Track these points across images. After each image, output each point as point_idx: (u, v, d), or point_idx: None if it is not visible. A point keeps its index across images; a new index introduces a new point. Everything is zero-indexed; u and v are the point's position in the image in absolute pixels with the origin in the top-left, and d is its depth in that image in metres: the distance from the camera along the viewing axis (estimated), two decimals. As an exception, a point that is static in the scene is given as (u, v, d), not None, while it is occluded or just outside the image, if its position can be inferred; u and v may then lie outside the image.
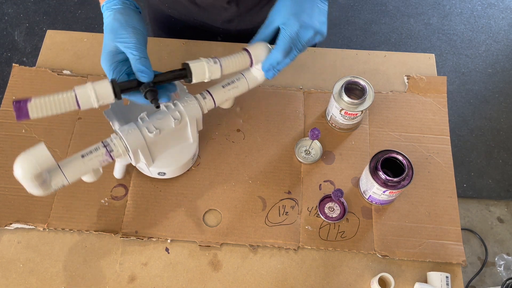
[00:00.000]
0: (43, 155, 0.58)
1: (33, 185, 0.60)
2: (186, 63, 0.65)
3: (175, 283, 0.73)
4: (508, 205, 1.73)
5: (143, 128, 0.67)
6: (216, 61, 0.66)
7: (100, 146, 0.65)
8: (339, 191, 0.73)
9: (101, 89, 0.59)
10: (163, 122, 0.69)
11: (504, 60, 2.05)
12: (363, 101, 0.78)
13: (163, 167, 0.75)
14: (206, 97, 0.72)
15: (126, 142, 0.66)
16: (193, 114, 0.71)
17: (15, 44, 2.04)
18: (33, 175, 0.58)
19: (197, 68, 0.65)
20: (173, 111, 0.69)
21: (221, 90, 0.72)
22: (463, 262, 0.75)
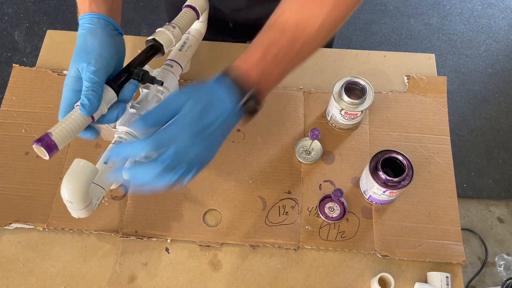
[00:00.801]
0: (88, 167, 0.58)
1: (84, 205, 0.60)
2: (152, 38, 0.67)
3: (175, 283, 0.73)
4: (508, 205, 1.73)
5: (140, 112, 0.68)
6: (174, 26, 0.69)
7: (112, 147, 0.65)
8: (339, 191, 0.73)
9: (106, 95, 0.60)
10: (153, 102, 0.70)
11: (504, 60, 2.05)
12: (363, 101, 0.78)
13: None
14: (172, 65, 0.76)
15: (134, 132, 0.66)
16: (171, 84, 0.73)
17: (15, 44, 2.04)
18: (83, 194, 0.58)
19: (164, 39, 0.67)
20: (155, 89, 0.71)
21: (180, 54, 0.77)
22: (463, 262, 0.75)
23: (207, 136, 0.53)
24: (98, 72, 0.58)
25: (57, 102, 0.86)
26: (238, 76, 0.55)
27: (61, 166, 0.81)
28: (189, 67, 0.81)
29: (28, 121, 0.85)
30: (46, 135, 0.54)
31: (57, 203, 0.78)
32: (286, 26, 0.57)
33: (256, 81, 0.56)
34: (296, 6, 0.58)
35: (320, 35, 0.59)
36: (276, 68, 0.57)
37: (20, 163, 0.81)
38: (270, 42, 0.57)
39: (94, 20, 0.62)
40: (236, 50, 0.94)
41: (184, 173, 0.53)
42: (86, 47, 0.59)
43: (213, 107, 0.53)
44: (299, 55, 0.59)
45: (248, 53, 0.57)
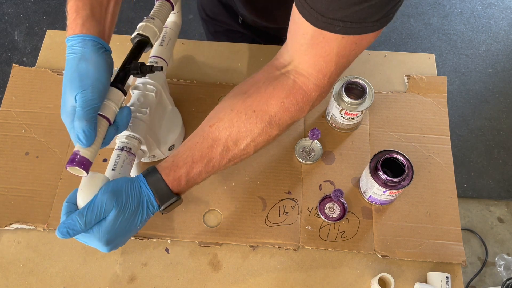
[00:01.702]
0: (101, 179, 0.58)
1: None
2: (136, 33, 0.67)
3: (175, 283, 0.73)
4: (508, 205, 1.73)
5: (136, 114, 0.69)
6: (153, 17, 0.69)
7: (119, 153, 0.66)
8: (339, 191, 0.73)
9: (115, 97, 0.60)
10: (146, 100, 0.71)
11: (504, 60, 2.05)
12: (363, 101, 0.78)
13: (168, 141, 0.78)
14: (157, 61, 0.77)
15: (135, 134, 0.67)
16: (160, 80, 0.74)
17: (15, 44, 2.04)
18: None
19: (148, 31, 0.67)
20: (146, 87, 0.72)
21: (162, 48, 0.78)
22: (463, 262, 0.75)
23: (129, 231, 0.58)
24: (95, 99, 0.56)
25: (57, 102, 0.87)
26: (167, 186, 0.58)
27: (61, 166, 0.81)
28: (172, 61, 0.82)
29: (28, 121, 0.85)
30: (75, 154, 0.55)
31: (57, 203, 0.78)
32: (219, 137, 0.60)
33: (183, 188, 0.60)
34: (230, 120, 0.60)
35: (249, 150, 0.61)
36: (202, 175, 0.61)
37: (20, 163, 0.81)
38: (202, 153, 0.60)
39: (87, 42, 0.58)
40: (236, 50, 0.94)
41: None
42: (81, 73, 0.57)
43: (137, 219, 0.58)
44: (227, 165, 0.62)
45: (179, 161, 0.60)
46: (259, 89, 0.60)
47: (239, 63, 0.92)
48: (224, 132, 0.60)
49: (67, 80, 0.58)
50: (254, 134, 0.60)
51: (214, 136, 0.60)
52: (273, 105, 0.59)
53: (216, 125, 0.60)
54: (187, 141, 0.62)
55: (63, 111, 0.58)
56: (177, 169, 0.59)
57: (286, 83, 0.59)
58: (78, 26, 0.59)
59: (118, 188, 0.57)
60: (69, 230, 0.54)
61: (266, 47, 0.94)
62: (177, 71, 0.91)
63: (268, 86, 0.60)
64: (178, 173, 0.59)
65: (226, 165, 0.62)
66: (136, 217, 0.57)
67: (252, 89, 0.61)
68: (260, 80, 0.61)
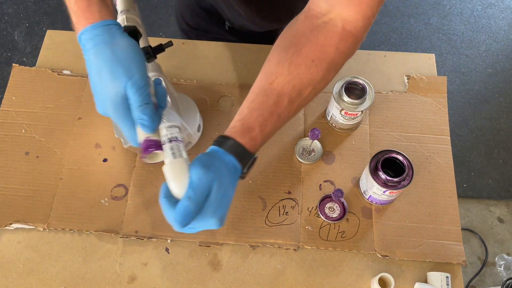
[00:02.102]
0: (182, 162, 0.57)
1: None
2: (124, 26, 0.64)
3: (175, 283, 0.73)
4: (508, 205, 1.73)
5: None
6: (127, 10, 0.71)
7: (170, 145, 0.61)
8: (339, 191, 0.73)
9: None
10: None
11: (504, 60, 2.05)
12: (363, 101, 0.78)
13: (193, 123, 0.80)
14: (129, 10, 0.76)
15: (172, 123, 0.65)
16: (158, 70, 0.76)
17: (15, 44, 2.04)
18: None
19: (134, 22, 0.68)
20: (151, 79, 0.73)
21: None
22: (463, 262, 0.75)
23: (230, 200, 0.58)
24: (146, 84, 0.56)
25: (57, 102, 0.87)
26: (244, 148, 0.59)
27: (61, 166, 0.81)
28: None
29: (28, 121, 0.85)
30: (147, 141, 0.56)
31: (57, 203, 0.78)
32: (283, 91, 0.61)
33: (258, 146, 0.61)
34: (290, 74, 0.61)
35: (312, 95, 0.64)
36: (274, 130, 0.62)
37: (20, 163, 0.81)
38: (270, 110, 0.61)
39: (112, 28, 0.56)
40: (236, 50, 0.94)
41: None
42: (122, 60, 0.55)
43: (232, 185, 0.58)
44: (294, 114, 0.64)
45: (250, 122, 0.60)
46: (309, 39, 0.62)
47: (239, 63, 0.92)
48: (287, 86, 0.61)
49: (107, 72, 0.54)
50: (315, 82, 0.62)
51: (277, 92, 0.61)
52: (329, 52, 0.61)
53: (277, 81, 0.61)
54: (250, 102, 0.61)
55: (108, 105, 0.55)
56: (251, 130, 0.60)
57: (336, 30, 0.61)
58: (96, 13, 0.56)
59: (206, 162, 0.55)
60: (184, 217, 0.53)
61: (267, 47, 0.94)
62: (177, 71, 0.91)
63: (319, 35, 0.61)
64: (252, 133, 0.59)
65: (293, 115, 0.64)
66: (231, 184, 0.57)
67: (302, 40, 0.62)
68: (305, 31, 0.62)
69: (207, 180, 0.54)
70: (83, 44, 0.57)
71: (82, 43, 0.57)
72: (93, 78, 0.56)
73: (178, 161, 0.56)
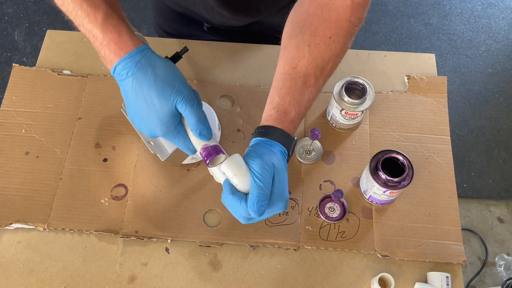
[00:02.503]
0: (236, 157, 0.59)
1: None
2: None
3: (175, 283, 0.73)
4: (508, 205, 1.73)
5: None
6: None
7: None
8: (339, 191, 0.73)
9: None
10: None
11: (504, 60, 2.05)
12: (364, 101, 0.78)
13: (214, 121, 0.80)
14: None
15: None
16: None
17: (15, 44, 2.04)
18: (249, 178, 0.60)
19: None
20: None
21: None
22: (463, 262, 0.75)
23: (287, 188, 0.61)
24: (193, 96, 0.59)
25: (57, 102, 0.87)
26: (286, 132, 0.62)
27: (61, 166, 0.81)
28: None
29: (28, 121, 0.85)
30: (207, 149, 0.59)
31: (57, 203, 0.78)
32: (308, 71, 0.64)
33: (296, 128, 0.65)
34: (311, 54, 0.64)
35: (334, 69, 0.67)
36: (307, 110, 0.66)
37: (20, 163, 0.81)
38: (301, 91, 0.64)
39: (147, 52, 0.59)
40: (236, 50, 0.94)
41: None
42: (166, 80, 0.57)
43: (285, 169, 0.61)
44: (321, 89, 0.67)
45: (285, 107, 0.63)
46: (322, 17, 0.64)
47: (239, 63, 0.92)
48: (311, 66, 0.64)
49: (155, 93, 0.57)
50: (335, 57, 0.65)
51: (303, 74, 0.64)
52: (343, 26, 0.64)
53: (300, 64, 0.64)
54: (279, 90, 0.64)
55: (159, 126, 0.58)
56: (288, 114, 0.63)
57: (346, 4, 0.64)
58: (129, 42, 0.58)
59: (259, 152, 0.59)
60: (260, 206, 0.55)
61: (267, 47, 0.94)
62: (177, 71, 0.91)
63: (330, 12, 0.64)
64: (290, 117, 0.63)
65: (320, 90, 0.67)
66: (285, 168, 0.61)
67: (315, 20, 0.65)
68: (315, 11, 0.65)
69: (268, 168, 0.57)
70: (120, 74, 0.58)
71: (119, 73, 0.58)
72: (137, 105, 0.58)
73: (234, 157, 0.58)
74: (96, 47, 0.59)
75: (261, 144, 0.61)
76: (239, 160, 0.58)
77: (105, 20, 0.58)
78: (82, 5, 0.58)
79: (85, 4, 0.58)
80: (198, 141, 0.60)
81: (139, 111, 0.59)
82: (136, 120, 0.61)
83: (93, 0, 0.58)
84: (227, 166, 0.58)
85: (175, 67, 0.61)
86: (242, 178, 0.57)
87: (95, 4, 0.58)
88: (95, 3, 0.58)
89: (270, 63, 0.92)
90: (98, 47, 0.59)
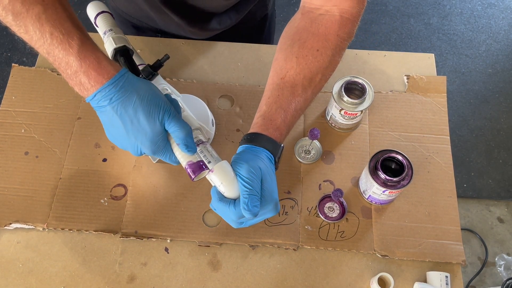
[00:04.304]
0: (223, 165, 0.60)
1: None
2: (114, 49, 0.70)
3: (174, 283, 0.73)
4: (508, 205, 1.73)
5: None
6: (110, 29, 0.74)
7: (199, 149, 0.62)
8: (338, 191, 0.73)
9: None
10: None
11: (504, 60, 2.05)
12: (363, 101, 0.78)
13: (206, 119, 0.82)
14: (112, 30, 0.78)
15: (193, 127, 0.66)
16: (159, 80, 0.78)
17: (15, 44, 2.04)
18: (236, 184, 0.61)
19: (122, 41, 0.72)
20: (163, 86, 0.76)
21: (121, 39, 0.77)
22: (463, 262, 0.75)
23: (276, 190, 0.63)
24: (177, 112, 0.60)
25: (56, 102, 0.87)
26: (272, 139, 0.63)
27: (60, 166, 0.81)
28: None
29: (27, 121, 0.85)
30: (191, 165, 0.59)
31: (56, 203, 0.78)
32: (296, 82, 0.65)
33: (284, 136, 0.65)
34: (299, 65, 0.65)
35: (323, 81, 0.68)
36: (295, 119, 0.67)
37: (20, 163, 0.82)
38: (288, 100, 0.65)
39: (127, 75, 0.58)
40: (236, 50, 0.94)
41: None
42: (150, 100, 0.58)
43: (273, 174, 0.62)
44: (310, 101, 0.69)
45: (271, 115, 0.64)
46: (311, 32, 0.66)
47: (239, 63, 0.92)
48: (299, 77, 0.65)
49: (142, 114, 0.57)
50: (323, 69, 0.66)
51: (290, 84, 0.65)
52: (331, 40, 0.66)
53: (288, 75, 0.66)
54: (267, 99, 0.66)
55: (147, 145, 0.58)
56: (273, 121, 0.64)
57: (335, 19, 0.66)
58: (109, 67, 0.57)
59: (246, 158, 0.60)
60: (253, 208, 0.56)
61: (266, 47, 0.94)
62: (177, 71, 0.91)
63: (319, 27, 0.66)
64: (276, 124, 0.64)
65: (309, 102, 0.68)
66: (272, 172, 0.61)
67: (304, 34, 0.67)
68: (305, 26, 0.67)
69: (255, 171, 0.58)
70: (101, 100, 0.57)
71: (100, 99, 0.57)
72: (123, 128, 0.58)
73: (221, 165, 0.59)
74: (68, 75, 0.57)
75: (247, 151, 0.62)
76: (226, 167, 0.58)
77: (80, 47, 0.55)
78: (53, 33, 0.54)
79: (56, 31, 0.54)
80: (184, 156, 0.60)
81: (126, 133, 0.58)
82: (122, 142, 0.60)
83: (64, 26, 0.55)
84: (214, 175, 0.58)
85: (153, 85, 0.61)
86: (229, 186, 0.58)
87: (68, 31, 0.55)
88: (67, 30, 0.55)
89: (270, 63, 0.91)
90: (71, 75, 0.56)
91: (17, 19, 0.54)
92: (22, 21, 0.54)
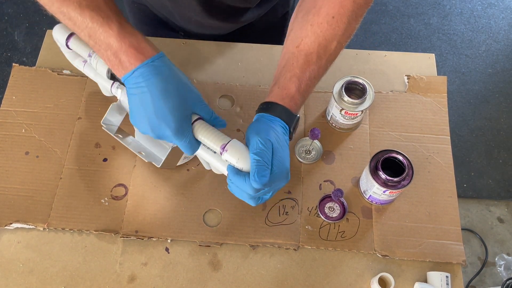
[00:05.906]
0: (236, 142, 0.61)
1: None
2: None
3: (175, 283, 0.73)
4: (508, 205, 1.73)
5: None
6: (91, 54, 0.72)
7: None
8: (339, 191, 0.73)
9: None
10: None
11: (504, 60, 2.05)
12: (363, 101, 0.78)
13: None
14: None
15: None
16: None
17: (15, 44, 2.04)
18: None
19: None
20: None
21: None
22: (463, 262, 0.75)
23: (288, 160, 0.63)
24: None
25: (56, 102, 0.87)
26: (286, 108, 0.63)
27: (61, 166, 0.81)
28: None
29: (28, 120, 0.85)
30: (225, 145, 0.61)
31: (57, 203, 0.78)
32: (311, 50, 0.65)
33: (299, 106, 0.66)
34: (314, 33, 0.65)
35: (339, 49, 0.67)
36: (310, 88, 0.67)
37: (20, 163, 0.81)
38: (302, 69, 0.65)
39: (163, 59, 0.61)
40: (236, 50, 0.94)
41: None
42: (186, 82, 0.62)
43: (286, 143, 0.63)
44: (325, 70, 0.68)
45: (284, 83, 0.64)
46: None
47: (239, 63, 0.92)
48: (313, 45, 0.65)
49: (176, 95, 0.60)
50: (339, 36, 0.65)
51: (305, 52, 0.65)
52: (347, 6, 0.64)
53: (303, 43, 0.65)
54: (282, 68, 0.66)
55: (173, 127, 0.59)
56: (287, 90, 0.64)
57: None
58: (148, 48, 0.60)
59: (257, 129, 0.60)
60: (262, 175, 0.57)
61: (267, 47, 0.94)
62: (177, 71, 0.91)
63: None
64: (290, 93, 0.64)
65: (324, 71, 0.68)
66: (285, 142, 0.62)
67: (319, 2, 0.66)
68: None
69: (265, 142, 0.58)
70: (139, 77, 0.59)
71: (137, 76, 0.59)
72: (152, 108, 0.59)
73: (233, 144, 0.60)
74: (107, 56, 0.60)
75: (262, 120, 0.63)
76: (239, 144, 0.60)
77: (120, 29, 0.59)
78: (94, 17, 0.59)
79: (96, 15, 0.59)
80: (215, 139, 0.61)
81: (155, 113, 0.59)
82: (146, 123, 0.61)
83: (104, 11, 0.59)
84: (229, 154, 0.60)
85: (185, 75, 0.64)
86: (245, 160, 0.59)
87: (107, 15, 0.59)
88: (107, 14, 0.59)
89: (270, 63, 0.92)
90: (110, 56, 0.60)
91: (61, 7, 0.59)
92: (65, 8, 0.59)
